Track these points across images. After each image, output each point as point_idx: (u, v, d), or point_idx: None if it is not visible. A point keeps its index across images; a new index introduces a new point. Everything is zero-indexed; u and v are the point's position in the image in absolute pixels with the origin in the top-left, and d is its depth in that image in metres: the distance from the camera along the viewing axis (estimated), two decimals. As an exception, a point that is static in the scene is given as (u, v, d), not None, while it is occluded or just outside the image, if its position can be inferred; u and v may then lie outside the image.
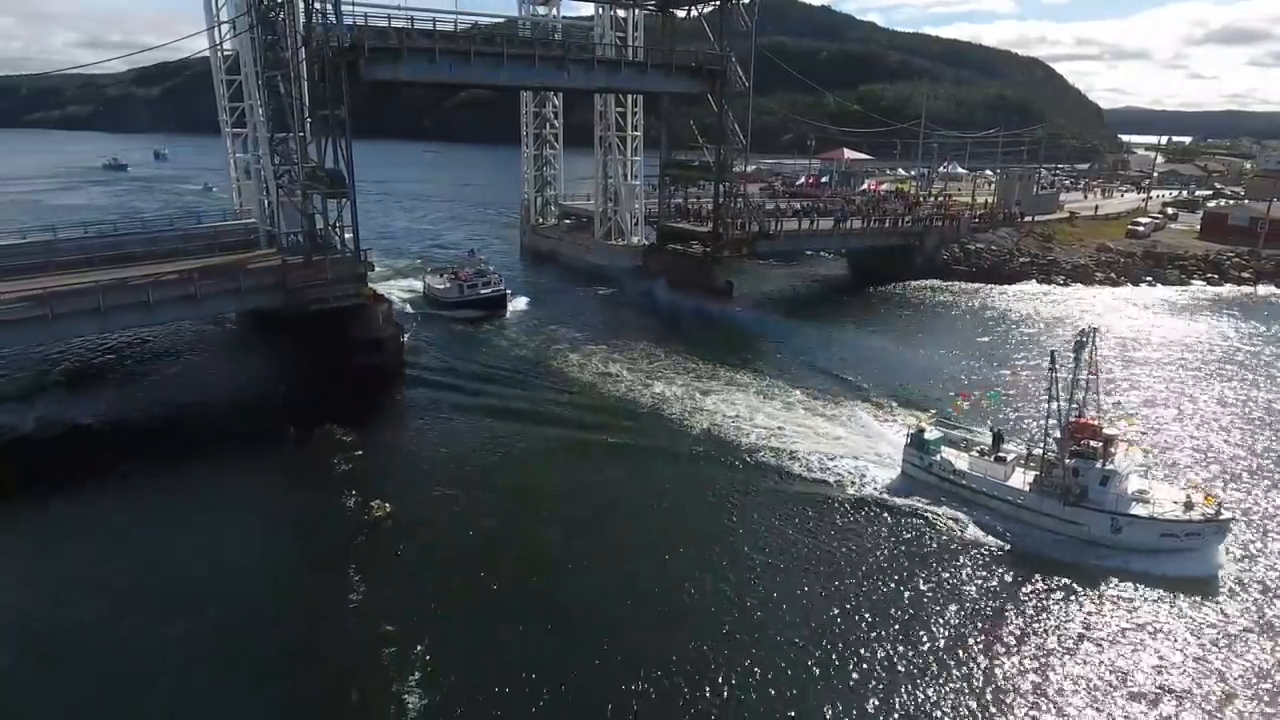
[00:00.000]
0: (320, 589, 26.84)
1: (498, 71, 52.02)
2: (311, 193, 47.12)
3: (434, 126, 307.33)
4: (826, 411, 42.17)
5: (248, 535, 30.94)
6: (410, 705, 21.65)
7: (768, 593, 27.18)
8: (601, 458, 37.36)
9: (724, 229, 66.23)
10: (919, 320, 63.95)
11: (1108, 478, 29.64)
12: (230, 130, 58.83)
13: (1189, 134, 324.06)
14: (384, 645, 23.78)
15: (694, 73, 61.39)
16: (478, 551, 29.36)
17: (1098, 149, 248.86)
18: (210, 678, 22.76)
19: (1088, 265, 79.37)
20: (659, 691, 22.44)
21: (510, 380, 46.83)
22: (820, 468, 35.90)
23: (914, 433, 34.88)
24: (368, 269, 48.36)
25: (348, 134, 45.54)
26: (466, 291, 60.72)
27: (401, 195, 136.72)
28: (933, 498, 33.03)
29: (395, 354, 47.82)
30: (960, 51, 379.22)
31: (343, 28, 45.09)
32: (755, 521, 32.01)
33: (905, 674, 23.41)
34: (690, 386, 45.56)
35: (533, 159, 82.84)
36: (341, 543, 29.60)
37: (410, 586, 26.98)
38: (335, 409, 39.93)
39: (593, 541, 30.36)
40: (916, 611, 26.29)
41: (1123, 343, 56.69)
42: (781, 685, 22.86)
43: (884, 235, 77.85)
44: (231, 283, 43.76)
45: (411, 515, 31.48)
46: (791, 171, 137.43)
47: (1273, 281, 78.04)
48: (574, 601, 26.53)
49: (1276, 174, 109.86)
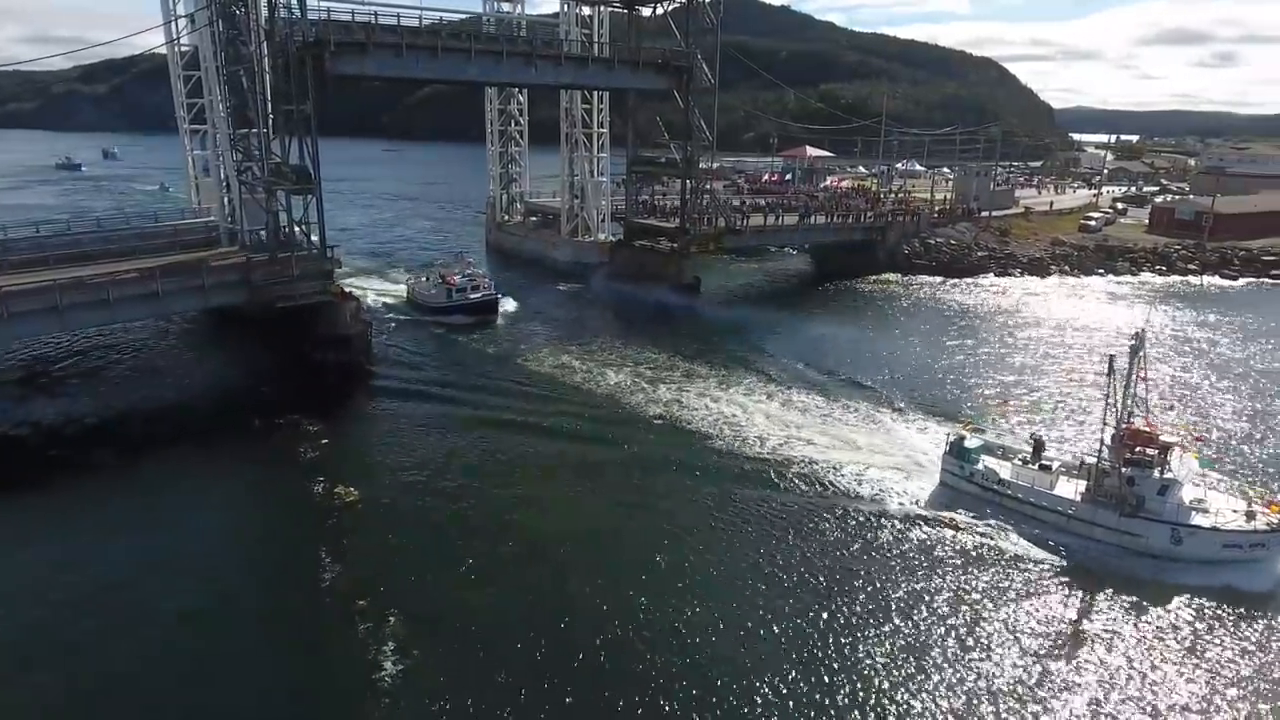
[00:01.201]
0: (293, 570, 27.68)
1: (466, 67, 51.82)
2: (276, 189, 46.51)
3: (393, 124, 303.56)
4: (835, 414, 41.04)
5: (217, 524, 31.19)
6: (386, 671, 22.61)
7: (792, 614, 25.52)
8: (587, 465, 35.91)
9: (691, 225, 66.76)
10: (894, 315, 65.15)
11: (1167, 486, 28.23)
12: (188, 127, 57.79)
13: (1137, 133, 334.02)
14: (358, 619, 24.59)
15: (660, 69, 61.77)
16: (445, 531, 29.92)
17: (1050, 147, 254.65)
18: (188, 660, 23.10)
19: (1043, 258, 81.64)
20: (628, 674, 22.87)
21: (484, 378, 46.61)
22: (844, 476, 34.17)
23: (953, 441, 33.02)
24: (334, 266, 47.88)
25: (314, 129, 45.06)
26: (455, 296, 58.07)
27: (361, 194, 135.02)
28: (976, 509, 31.27)
29: (363, 351, 47.46)
30: (917, 52, 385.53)
31: (307, 22, 44.61)
32: (776, 538, 30.01)
33: (967, 701, 22.05)
34: (677, 386, 45.13)
35: (498, 156, 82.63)
36: (311, 527, 30.36)
37: (380, 565, 27.65)
38: (303, 405, 40.11)
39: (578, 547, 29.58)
40: (973, 632, 24.81)
41: (1086, 332, 58.51)
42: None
43: (847, 230, 79.15)
44: (194, 280, 43.01)
45: (379, 500, 32.11)
46: (755, 169, 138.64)
47: (1217, 273, 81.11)
48: (550, 582, 27.02)
49: (1219, 171, 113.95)
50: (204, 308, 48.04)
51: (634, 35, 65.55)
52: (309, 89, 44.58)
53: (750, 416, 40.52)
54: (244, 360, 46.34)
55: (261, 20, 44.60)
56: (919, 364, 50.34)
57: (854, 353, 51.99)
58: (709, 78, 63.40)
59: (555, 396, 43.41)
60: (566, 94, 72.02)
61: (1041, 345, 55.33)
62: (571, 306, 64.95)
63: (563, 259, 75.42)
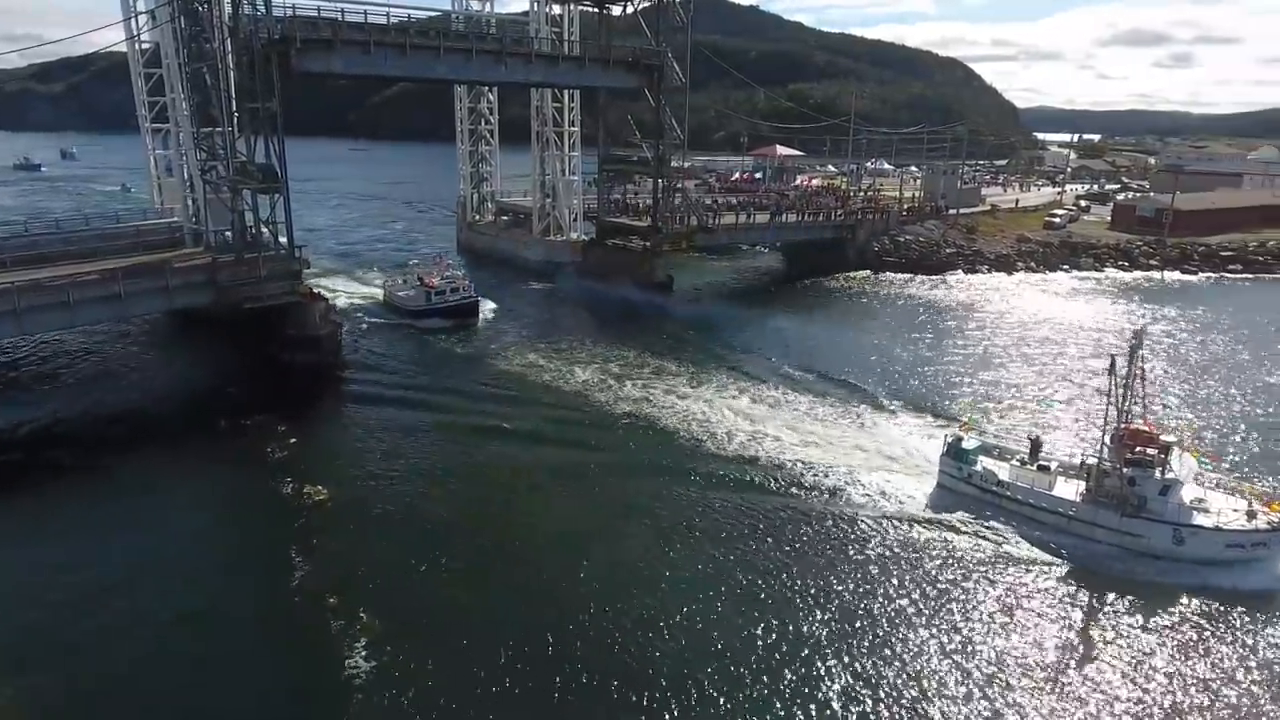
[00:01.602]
0: (262, 570, 27.55)
1: (435, 65, 51.36)
2: (241, 189, 45.74)
3: (360, 122, 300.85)
4: (820, 413, 40.68)
5: (184, 526, 30.72)
6: (359, 668, 22.57)
7: (787, 618, 24.99)
8: (561, 465, 35.34)
9: (663, 223, 66.80)
10: (867, 311, 65.79)
11: (1168, 486, 28.07)
12: (150, 126, 56.64)
13: (1098, 132, 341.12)
14: (330, 616, 24.57)
15: (631, 67, 61.72)
16: (416, 531, 29.76)
17: (1014, 146, 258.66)
18: (158, 658, 23.05)
19: (1009, 255, 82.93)
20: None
21: (456, 380, 46.17)
22: (836, 478, 33.67)
23: (951, 442, 32.81)
24: (303, 266, 47.21)
25: (280, 127, 44.41)
26: (434, 299, 56.31)
27: (329, 194, 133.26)
28: (975, 511, 30.96)
29: (333, 352, 46.87)
30: (885, 52, 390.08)
31: (272, 18, 43.94)
32: (760, 539, 29.33)
33: (969, 705, 21.70)
34: (651, 385, 44.80)
35: (468, 155, 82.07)
36: (281, 527, 30.12)
37: (351, 564, 27.52)
38: (273, 407, 39.61)
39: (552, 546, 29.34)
40: (974, 636, 24.44)
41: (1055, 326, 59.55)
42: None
43: (818, 228, 79.76)
44: (158, 281, 42.17)
45: (350, 501, 31.91)
46: (726, 168, 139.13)
47: (1177, 268, 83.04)
48: (525, 578, 27.05)
49: (1178, 169, 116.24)
50: (168, 309, 47.19)
51: (604, 34, 65.44)
52: (274, 86, 43.92)
53: (724, 415, 40.36)
54: (211, 362, 45.59)
55: (225, 16, 43.93)
56: (896, 360, 50.59)
57: (828, 350, 52.20)
58: (679, 76, 63.49)
59: (527, 398, 43.07)
60: (537, 92, 71.70)
61: (1014, 341, 56.04)
62: (544, 306, 64.70)
63: (535, 258, 75.09)
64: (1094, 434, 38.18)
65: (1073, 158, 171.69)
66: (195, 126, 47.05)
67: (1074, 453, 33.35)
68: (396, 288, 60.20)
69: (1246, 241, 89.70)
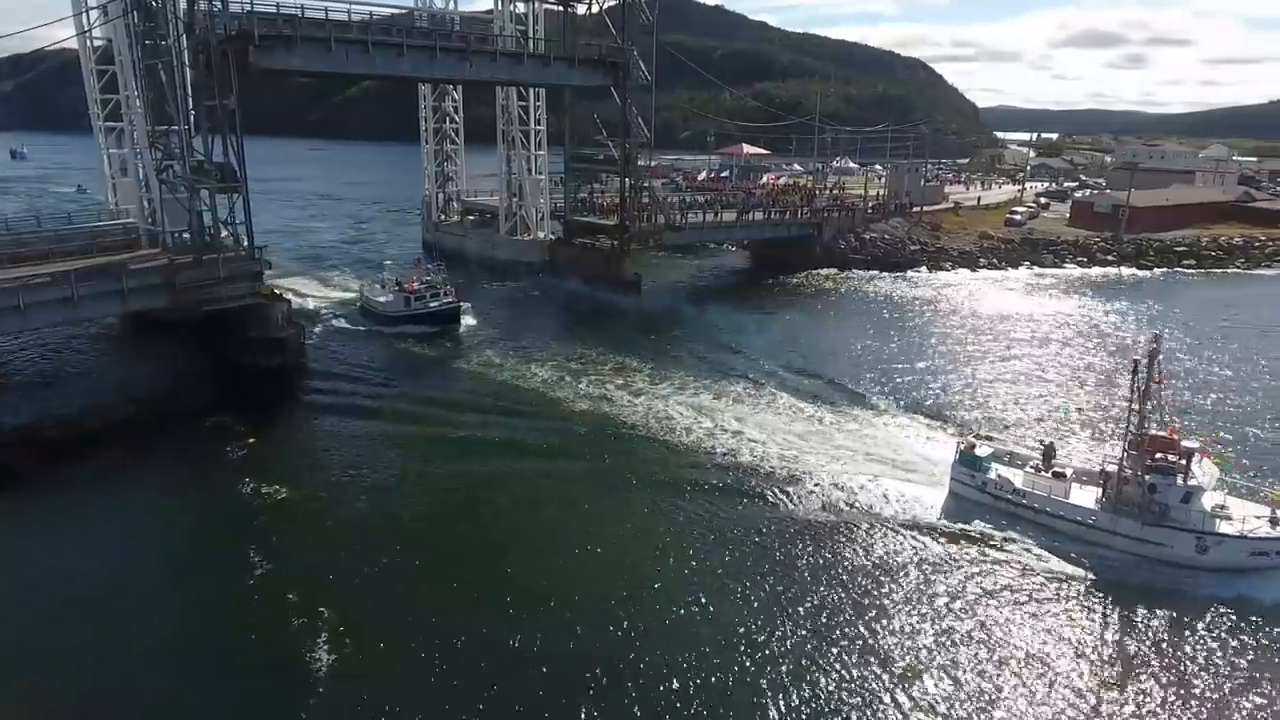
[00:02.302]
0: (223, 568, 27.42)
1: (398, 62, 50.71)
2: (199, 188, 44.73)
3: (321, 122, 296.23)
4: (815, 415, 40.14)
5: (143, 530, 30.45)
6: (320, 661, 22.71)
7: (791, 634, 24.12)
8: (529, 467, 34.78)
9: (631, 222, 66.71)
10: (836, 308, 66.33)
11: (1190, 494, 27.40)
12: (103, 124, 55.22)
13: (1057, 130, 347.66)
14: (290, 613, 24.63)
15: (596, 65, 61.52)
16: (377, 532, 29.58)
17: (976, 144, 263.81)
18: (124, 657, 23.00)
19: (973, 251, 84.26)
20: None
21: (423, 383, 45.65)
22: (839, 486, 32.73)
23: (964, 449, 32.10)
24: (264, 267, 46.32)
25: (238, 125, 43.53)
26: (414, 304, 54.31)
27: (291, 194, 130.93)
28: (991, 520, 30.08)
29: (297, 354, 46.03)
30: (849, 52, 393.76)
31: (229, 14, 43.05)
32: (764, 555, 28.31)
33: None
34: (621, 386, 44.56)
35: (433, 154, 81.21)
36: (240, 525, 29.81)
37: (309, 560, 27.64)
38: (235, 411, 38.83)
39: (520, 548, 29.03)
40: (996, 649, 23.70)
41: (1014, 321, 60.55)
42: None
43: (785, 226, 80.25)
44: (113, 284, 41.01)
45: (307, 500, 31.82)
46: (693, 167, 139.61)
47: (1134, 264, 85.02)
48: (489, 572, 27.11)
49: (1133, 166, 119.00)
50: (124, 312, 46.03)
51: (570, 32, 65.13)
52: (232, 84, 43.01)
53: (702, 417, 40.06)
54: (169, 366, 44.49)
55: (180, 12, 42.92)
56: (876, 358, 50.65)
57: (806, 350, 52.24)
58: (645, 75, 63.47)
59: (494, 400, 42.51)
60: (502, 91, 71.15)
61: (986, 337, 56.70)
62: (512, 306, 64.15)
63: (502, 258, 74.53)
64: (1092, 435, 38.58)
65: (1032, 156, 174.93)
66: (150, 125, 45.91)
67: (1086, 458, 32.81)
68: (374, 293, 57.77)
69: (1199, 237, 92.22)
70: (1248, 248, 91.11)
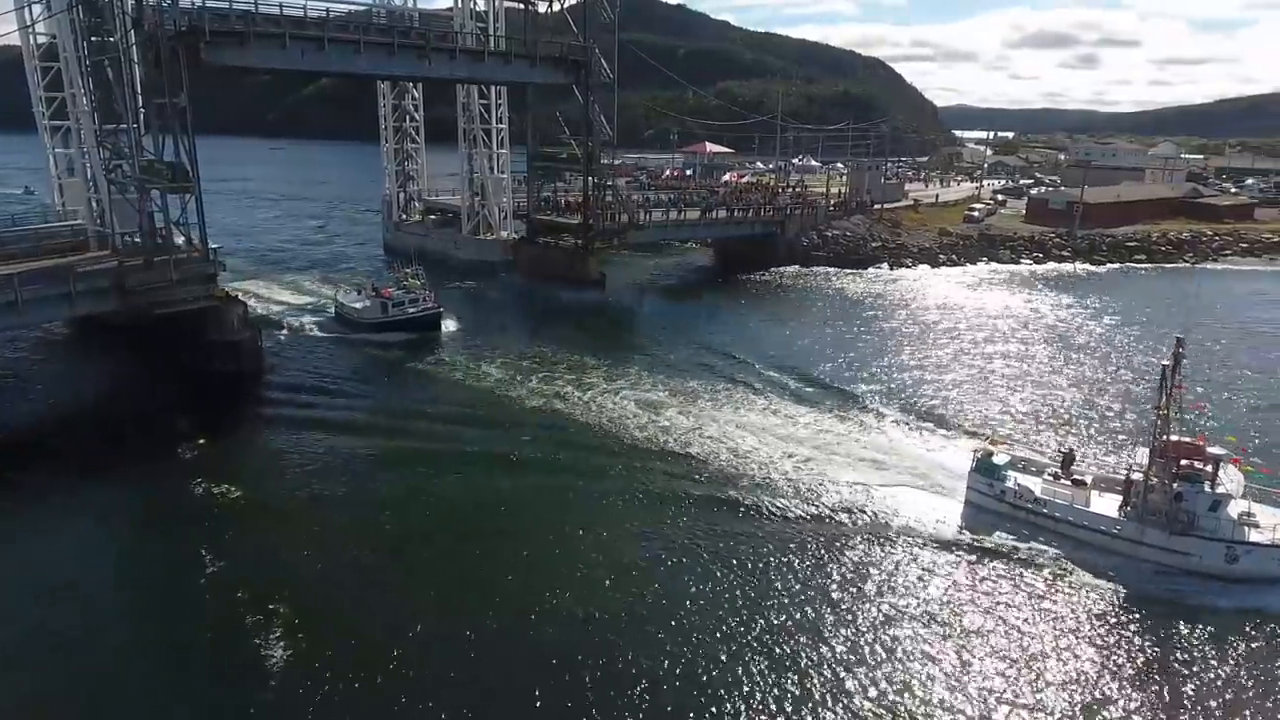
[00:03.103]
0: (174, 568, 27.18)
1: (355, 59, 49.97)
2: (149, 188, 43.58)
3: (280, 120, 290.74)
4: (806, 418, 39.30)
5: (94, 535, 29.76)
6: (275, 656, 22.61)
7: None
8: (493, 468, 34.26)
9: (595, 220, 66.54)
10: (799, 304, 66.66)
11: (1219, 502, 26.66)
12: (48, 123, 53.50)
13: (1012, 129, 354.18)
14: (243, 609, 24.49)
15: (558, 63, 61.22)
16: (329, 528, 29.51)
17: (934, 143, 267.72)
18: (73, 656, 22.72)
19: (932, 248, 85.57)
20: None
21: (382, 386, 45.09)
22: (845, 495, 31.66)
23: (981, 457, 30.94)
24: (218, 269, 45.32)
25: (189, 124, 42.50)
26: (392, 311, 52.34)
27: (246, 195, 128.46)
28: (1012, 531, 29.08)
29: (253, 357, 45.06)
30: (810, 51, 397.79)
31: (178, 9, 42.01)
32: (767, 569, 27.11)
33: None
34: (588, 385, 44.08)
35: (394, 153, 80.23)
36: (191, 526, 29.45)
37: (260, 558, 27.57)
38: (189, 417, 37.97)
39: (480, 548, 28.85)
40: (1026, 667, 22.66)
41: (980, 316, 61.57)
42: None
43: (748, 224, 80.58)
44: (60, 287, 39.77)
45: (260, 500, 31.61)
46: (656, 165, 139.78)
47: (1087, 259, 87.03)
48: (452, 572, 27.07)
49: (1086, 164, 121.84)
50: (72, 317, 44.67)
51: (532, 30, 64.69)
52: (183, 81, 41.97)
53: (661, 415, 39.90)
54: (120, 372, 43.35)
55: (128, 7, 41.77)
56: (861, 355, 50.77)
57: (773, 343, 52.49)
58: (607, 73, 63.32)
59: (455, 402, 41.99)
60: (463, 89, 70.53)
61: (952, 332, 57.38)
62: (476, 305, 63.50)
63: (466, 257, 73.90)
64: (1101, 437, 38.06)
65: (989, 154, 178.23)
66: (98, 123, 44.68)
67: (1101, 464, 32.06)
68: (349, 299, 55.46)
69: (1149, 232, 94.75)
70: (1196, 242, 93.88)
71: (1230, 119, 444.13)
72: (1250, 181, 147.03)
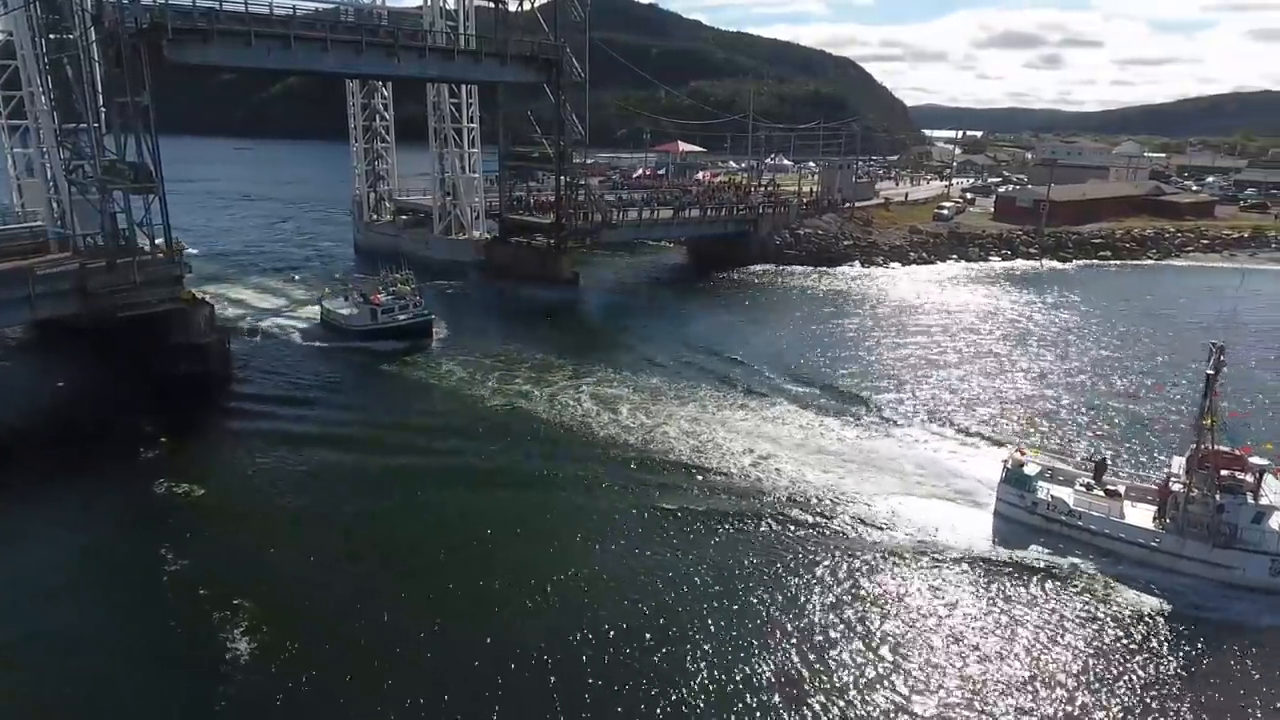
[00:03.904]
0: (138, 570, 27.13)
1: (322, 57, 49.41)
2: (111, 189, 42.72)
3: (247, 120, 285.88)
4: (835, 427, 38.32)
5: (56, 535, 29.39)
6: (239, 649, 22.81)
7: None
8: (462, 470, 34.07)
9: (567, 220, 66.37)
10: (773, 302, 66.99)
11: (1263, 514, 25.84)
12: (5, 122, 52.31)
13: (980, 128, 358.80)
14: (206, 605, 24.62)
15: (529, 62, 60.99)
16: (294, 529, 29.58)
17: (904, 142, 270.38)
18: (34, 655, 22.80)
19: (903, 246, 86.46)
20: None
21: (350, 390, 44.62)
22: (868, 507, 30.38)
23: (1011, 468, 29.91)
24: (184, 270, 44.54)
25: (152, 123, 41.72)
26: (381, 318, 50.75)
27: (215, 196, 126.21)
28: (1047, 545, 27.98)
29: (221, 360, 44.36)
30: (781, 51, 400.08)
31: (139, 7, 41.21)
32: (777, 584, 25.98)
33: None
34: (563, 385, 43.74)
35: (363, 153, 79.44)
36: (154, 529, 29.24)
37: (223, 558, 27.58)
38: (154, 420, 37.39)
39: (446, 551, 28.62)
40: (1075, 693, 21.65)
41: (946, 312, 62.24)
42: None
43: (721, 223, 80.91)
44: (19, 290, 38.75)
45: (227, 503, 31.46)
46: (629, 165, 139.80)
47: (1054, 256, 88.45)
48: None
49: (1052, 162, 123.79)
50: (33, 320, 43.66)
51: (502, 29, 64.37)
52: (145, 79, 41.17)
53: (640, 416, 39.70)
54: (83, 377, 42.38)
55: (87, 4, 40.92)
56: (853, 354, 51.02)
57: (736, 340, 52.59)
58: (579, 71, 63.22)
59: (428, 405, 41.67)
60: (434, 88, 69.98)
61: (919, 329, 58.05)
62: (448, 305, 62.93)
63: (438, 257, 73.31)
64: (1131, 444, 36.99)
65: (958, 153, 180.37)
66: (57, 123, 43.73)
67: (1130, 474, 31.21)
68: (336, 305, 53.49)
69: (1114, 230, 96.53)
70: (1159, 239, 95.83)
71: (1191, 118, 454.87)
72: (1211, 179, 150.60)
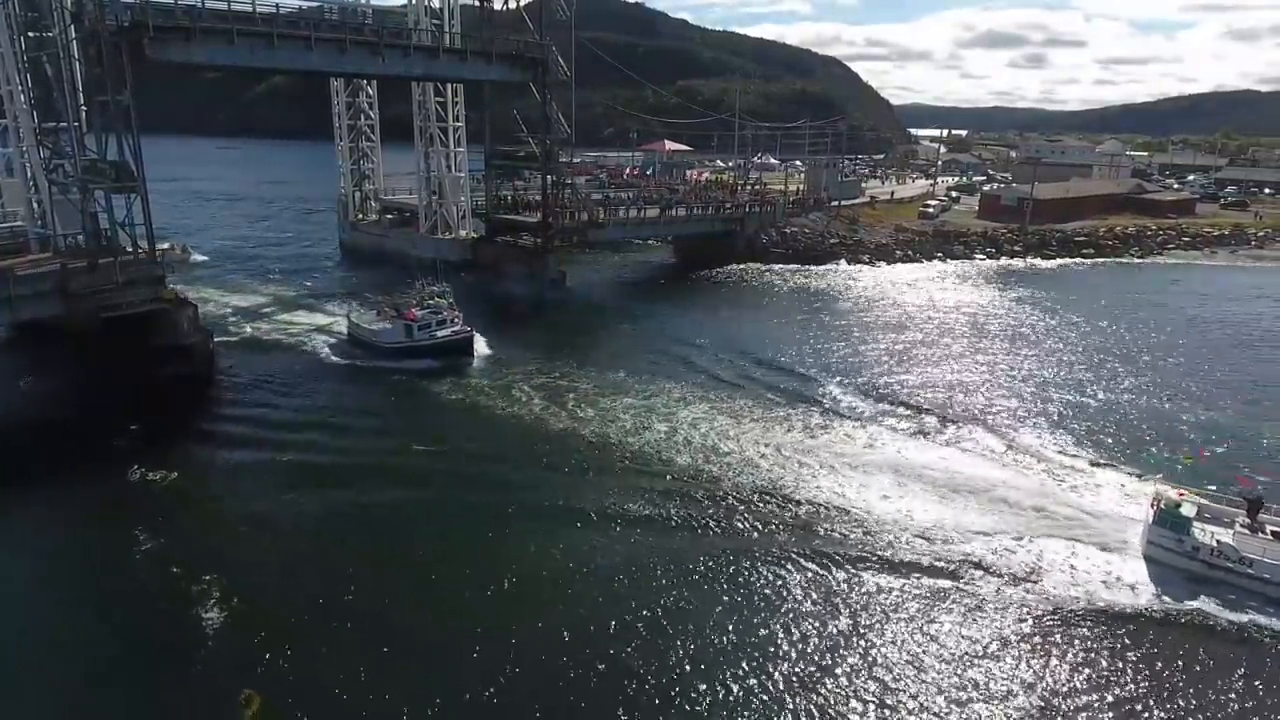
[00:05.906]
0: (107, 547, 28.04)
1: (306, 56, 49.00)
2: (92, 189, 42.31)
3: (231, 119, 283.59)
4: (761, 412, 38.79)
5: (36, 539, 29.57)
6: (209, 621, 23.78)
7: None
8: (448, 472, 33.47)
9: (554, 219, 66.25)
10: (763, 300, 67.14)
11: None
12: (-17, 120, 51.65)
13: (965, 127, 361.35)
14: (178, 582, 25.51)
15: (514, 61, 60.82)
16: (279, 528, 29.58)
17: (890, 141, 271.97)
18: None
19: (889, 244, 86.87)
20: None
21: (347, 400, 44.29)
22: (981, 545, 27.20)
23: (1164, 508, 26.78)
24: (166, 270, 44.19)
25: (134, 122, 41.35)
26: (417, 334, 47.20)
27: (199, 196, 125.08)
28: (1215, 595, 24.76)
29: (206, 361, 44.05)
30: (768, 50, 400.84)
31: (120, 4, 40.82)
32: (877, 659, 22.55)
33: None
34: (552, 384, 43.61)
35: (349, 152, 78.89)
36: (139, 529, 29.12)
37: (193, 535, 28.49)
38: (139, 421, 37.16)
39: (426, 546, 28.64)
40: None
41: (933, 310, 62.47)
42: None
43: (708, 221, 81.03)
44: (-1, 290, 38.39)
45: (196, 485, 32.21)
46: (616, 163, 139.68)
47: (1038, 254, 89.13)
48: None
49: (1036, 161, 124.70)
50: (13, 322, 43.05)
51: (488, 27, 64.17)
52: (126, 78, 40.80)
53: (639, 419, 39.57)
54: (65, 379, 41.75)
55: (67, 1, 40.49)
56: (843, 353, 50.98)
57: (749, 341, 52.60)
58: (564, 70, 63.10)
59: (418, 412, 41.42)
60: (419, 87, 69.61)
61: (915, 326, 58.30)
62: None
63: (424, 256, 72.83)
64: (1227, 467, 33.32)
65: (943, 151, 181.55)
66: (37, 122, 43.31)
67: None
68: (365, 319, 50.03)
69: (1097, 228, 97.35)
70: (1141, 236, 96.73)
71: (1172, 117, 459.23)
72: (1192, 178, 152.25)
